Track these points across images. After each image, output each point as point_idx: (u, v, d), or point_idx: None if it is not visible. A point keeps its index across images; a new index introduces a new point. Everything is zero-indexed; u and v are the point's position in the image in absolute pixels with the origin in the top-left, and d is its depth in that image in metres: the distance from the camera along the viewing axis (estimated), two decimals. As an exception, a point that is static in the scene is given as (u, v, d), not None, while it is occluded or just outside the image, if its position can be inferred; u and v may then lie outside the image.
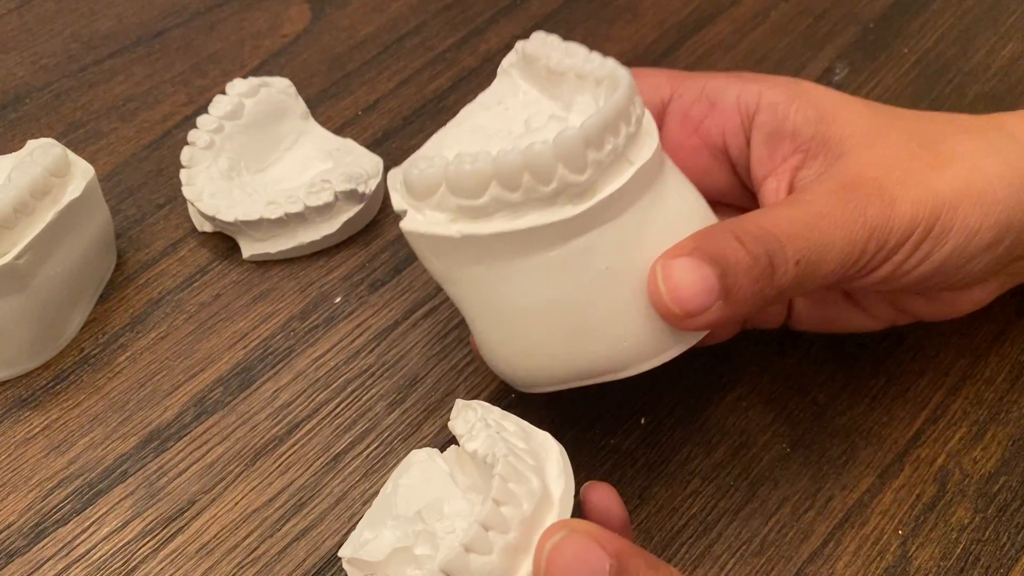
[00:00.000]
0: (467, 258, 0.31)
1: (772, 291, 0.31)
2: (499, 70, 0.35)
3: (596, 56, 0.32)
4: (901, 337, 0.43)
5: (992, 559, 0.37)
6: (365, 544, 0.31)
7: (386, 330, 0.43)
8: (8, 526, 0.37)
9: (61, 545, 0.37)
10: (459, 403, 0.33)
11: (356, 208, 0.45)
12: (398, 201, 0.32)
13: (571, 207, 0.30)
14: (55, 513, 0.38)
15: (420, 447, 0.38)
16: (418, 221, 0.31)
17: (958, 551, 0.37)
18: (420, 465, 0.33)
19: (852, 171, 0.34)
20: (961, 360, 0.42)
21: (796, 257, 0.31)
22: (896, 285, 0.34)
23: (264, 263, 0.45)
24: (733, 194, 0.39)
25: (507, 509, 0.27)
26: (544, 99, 0.34)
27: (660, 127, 0.38)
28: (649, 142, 0.32)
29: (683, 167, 0.36)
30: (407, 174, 0.30)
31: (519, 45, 0.35)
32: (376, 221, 0.47)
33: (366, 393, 0.41)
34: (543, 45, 0.33)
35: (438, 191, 0.30)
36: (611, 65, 0.32)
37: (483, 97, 0.35)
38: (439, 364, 0.42)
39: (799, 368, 0.42)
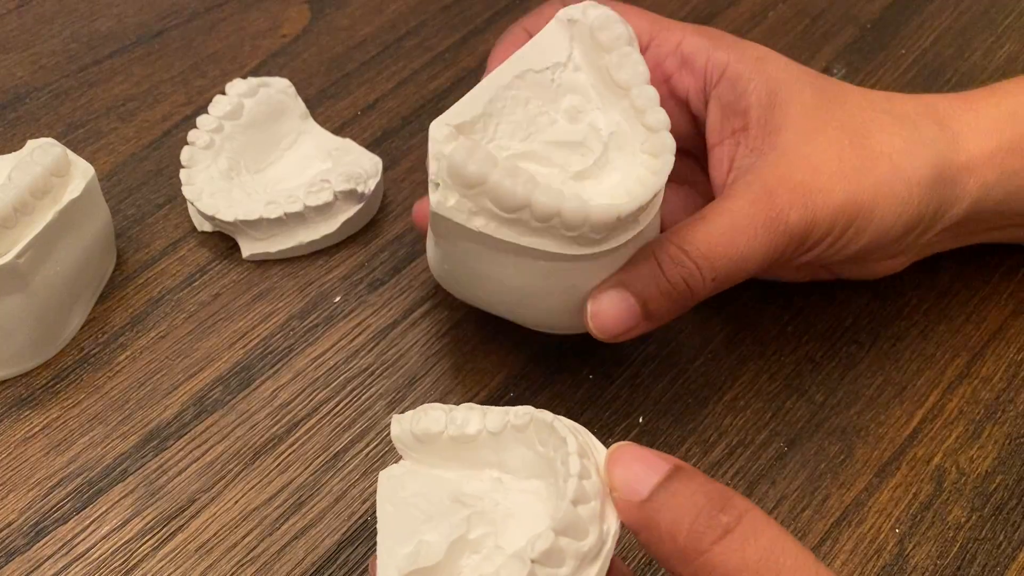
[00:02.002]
0: (472, 239, 0.33)
1: (691, 304, 0.36)
2: (557, 16, 0.36)
3: (655, 96, 0.34)
4: (899, 336, 0.43)
5: (989, 557, 0.37)
6: (410, 557, 0.29)
7: (385, 329, 0.43)
8: (8, 525, 0.38)
9: (61, 544, 0.37)
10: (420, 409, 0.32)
11: (355, 208, 0.45)
12: (435, 171, 0.33)
13: (578, 248, 0.33)
14: (55, 512, 0.38)
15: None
16: (447, 206, 0.32)
17: (955, 549, 0.37)
18: (403, 476, 0.32)
19: (780, 172, 0.36)
20: (958, 359, 0.42)
21: (712, 275, 0.35)
22: (811, 266, 0.39)
23: (263, 262, 0.45)
24: (694, 143, 0.41)
25: (587, 482, 0.28)
26: (589, 86, 0.36)
27: None
28: (655, 205, 0.34)
29: None
30: (455, 161, 0.31)
31: (589, 12, 0.35)
32: (375, 221, 0.47)
33: (365, 392, 0.41)
34: (615, 42, 0.35)
35: (476, 188, 0.32)
36: (664, 137, 0.33)
37: (535, 51, 0.36)
38: (438, 363, 0.42)
39: (796, 367, 0.42)
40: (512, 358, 0.42)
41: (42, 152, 0.40)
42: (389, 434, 0.40)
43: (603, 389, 0.41)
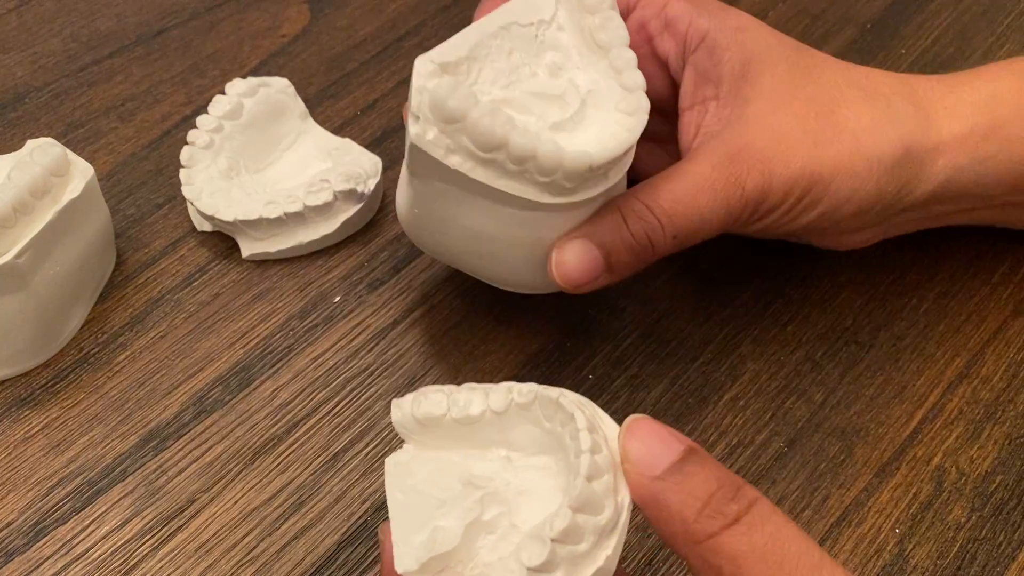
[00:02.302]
0: (447, 177, 0.34)
1: (652, 259, 0.37)
2: None
3: (633, 58, 0.35)
4: (899, 336, 0.43)
5: (989, 557, 0.37)
6: (426, 544, 0.29)
7: (385, 329, 0.43)
8: (8, 525, 0.38)
9: (60, 544, 0.37)
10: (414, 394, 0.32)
11: (355, 208, 0.45)
12: (417, 104, 0.33)
13: (549, 196, 0.34)
14: (55, 512, 0.38)
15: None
16: (425, 139, 0.33)
17: (955, 550, 0.37)
18: (410, 463, 0.32)
19: (744, 139, 0.37)
20: (958, 359, 0.42)
21: (674, 232, 0.36)
22: (770, 234, 0.40)
23: (263, 262, 0.45)
24: (671, 105, 0.42)
25: (599, 457, 0.28)
26: (571, 46, 0.37)
27: None
28: (627, 161, 0.36)
29: None
30: (438, 95, 0.32)
31: None
32: (375, 221, 0.47)
33: (365, 392, 0.41)
34: (599, 5, 0.36)
35: (455, 124, 0.33)
36: (640, 97, 0.35)
37: (522, 6, 0.37)
38: (438, 363, 0.42)
39: (796, 367, 0.42)
40: (512, 358, 0.42)
41: (42, 152, 0.40)
42: (388, 434, 0.40)
43: (603, 389, 0.41)
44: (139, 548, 0.37)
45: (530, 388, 0.30)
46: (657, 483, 0.27)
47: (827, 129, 0.38)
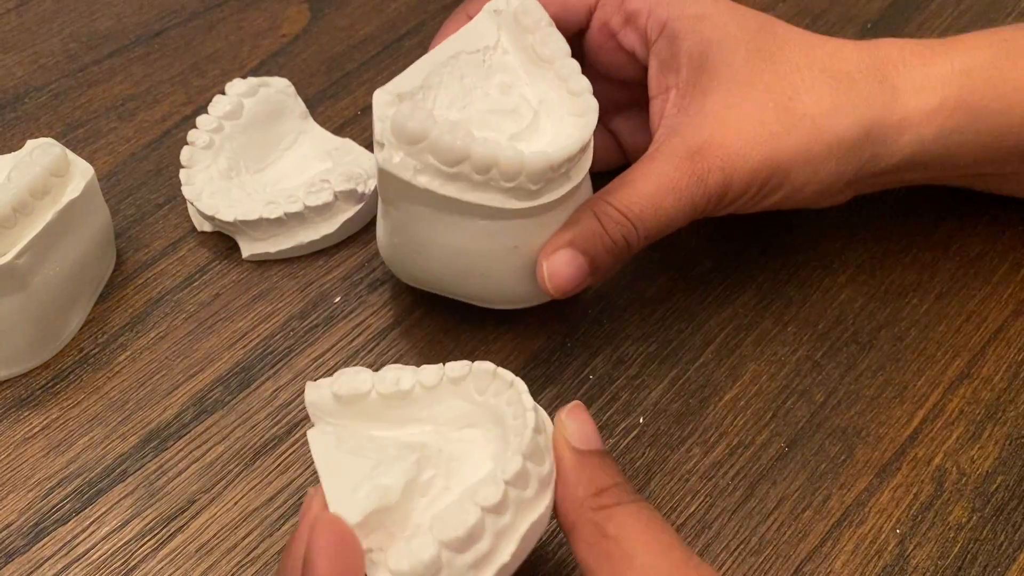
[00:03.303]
0: (417, 199, 0.36)
1: (627, 258, 0.39)
2: (484, 8, 0.40)
3: (576, 66, 0.38)
4: (900, 337, 0.43)
5: (990, 558, 0.37)
6: (369, 497, 0.29)
7: (385, 330, 0.43)
8: (8, 525, 0.38)
9: (61, 544, 0.37)
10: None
11: (355, 208, 0.45)
12: (380, 131, 0.36)
13: (516, 202, 0.35)
14: (55, 512, 0.38)
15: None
16: (392, 163, 0.35)
17: (956, 550, 0.37)
18: (338, 433, 0.32)
19: (702, 135, 0.38)
20: (958, 360, 0.42)
21: (646, 233, 0.38)
22: (735, 215, 0.41)
23: (263, 263, 0.45)
24: (643, 90, 0.42)
25: (542, 415, 0.32)
26: (517, 65, 0.39)
27: (584, 30, 0.43)
28: (586, 161, 0.37)
29: (604, 64, 0.43)
30: (398, 120, 0.34)
31: (512, 0, 0.39)
32: (375, 221, 0.47)
33: (365, 392, 0.41)
34: (537, 24, 0.39)
35: (419, 144, 0.34)
36: (588, 99, 0.37)
37: (467, 36, 0.39)
38: (437, 363, 0.42)
39: (797, 368, 0.42)
40: (513, 358, 0.42)
41: (41, 152, 0.40)
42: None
43: (604, 389, 0.41)
44: (139, 549, 0.37)
45: (463, 364, 0.32)
46: (580, 454, 0.31)
47: (785, 119, 0.39)
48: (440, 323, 0.43)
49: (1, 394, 0.41)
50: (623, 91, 0.44)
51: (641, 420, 0.40)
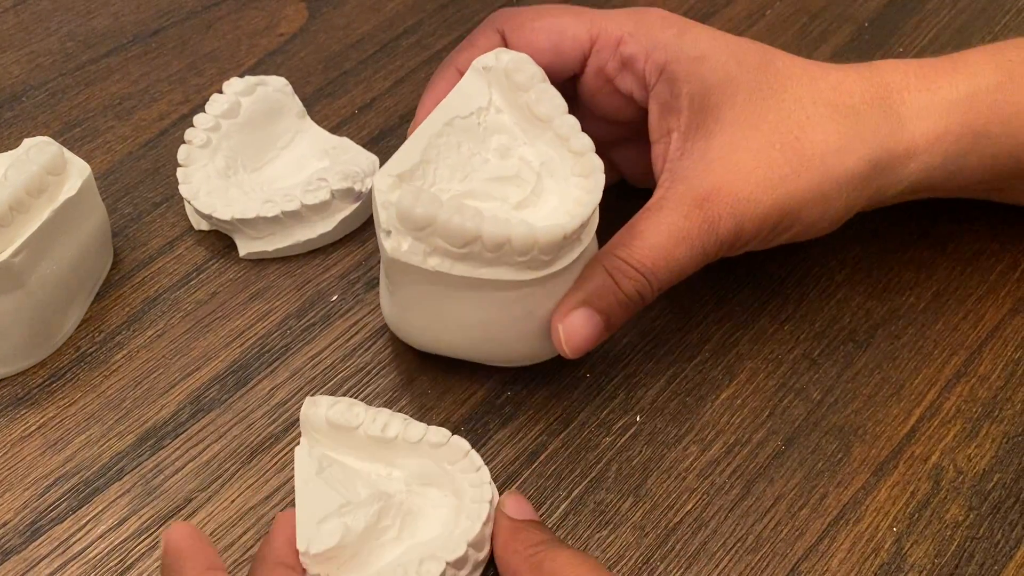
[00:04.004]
0: (427, 279, 0.35)
1: (639, 309, 0.38)
2: (472, 66, 0.39)
3: (576, 124, 0.37)
4: (897, 335, 0.43)
5: (986, 556, 0.37)
6: (332, 533, 0.33)
7: (382, 328, 0.43)
8: (4, 524, 0.37)
9: (57, 543, 0.37)
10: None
11: (352, 206, 0.45)
12: (386, 219, 0.35)
13: (530, 272, 0.35)
14: (51, 511, 0.38)
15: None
16: (402, 251, 0.34)
17: (952, 548, 0.37)
18: (320, 459, 0.36)
19: (710, 182, 0.38)
20: (955, 358, 0.42)
21: (659, 285, 0.38)
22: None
23: (260, 261, 0.45)
24: (640, 127, 0.42)
25: (492, 507, 0.36)
26: (513, 124, 0.38)
27: (580, 74, 0.41)
28: (595, 221, 0.37)
29: (601, 107, 0.42)
30: (403, 206, 0.34)
31: (502, 57, 0.38)
32: (371, 221, 0.47)
33: (362, 391, 0.41)
34: (531, 81, 0.38)
35: (427, 229, 0.34)
36: (592, 159, 0.36)
37: (458, 99, 0.38)
38: (435, 362, 0.42)
39: (794, 366, 0.42)
40: (509, 357, 0.42)
41: (38, 150, 0.40)
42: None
43: (600, 388, 0.41)
44: (136, 547, 0.37)
45: (445, 432, 0.36)
46: (517, 522, 0.35)
47: (793, 160, 0.38)
48: (437, 321, 0.43)
49: (-2, 393, 0.41)
50: (619, 128, 0.43)
51: (638, 418, 0.40)
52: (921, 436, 0.40)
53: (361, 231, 0.46)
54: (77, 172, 0.41)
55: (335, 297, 0.44)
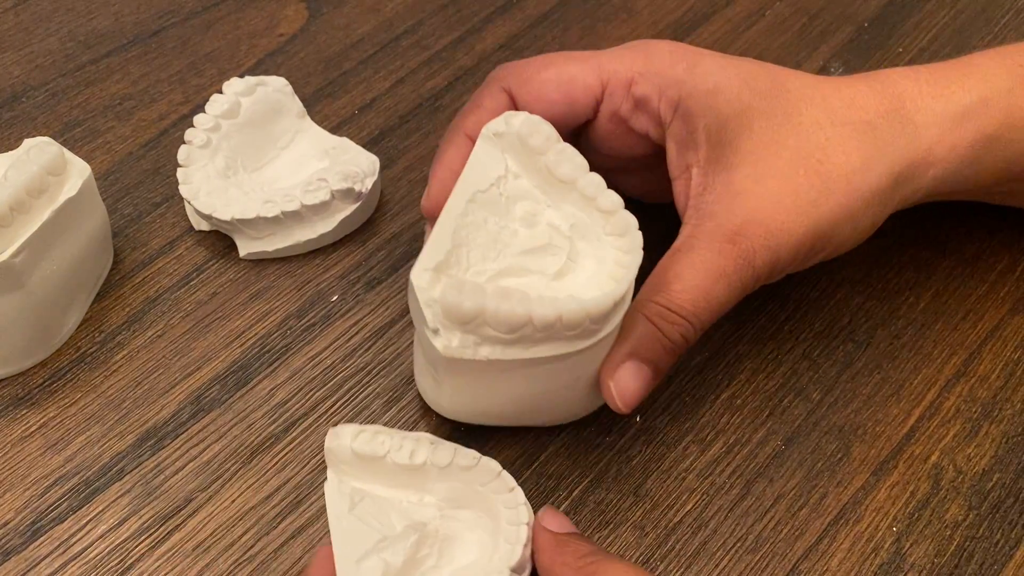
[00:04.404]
0: (479, 368, 0.34)
1: (685, 351, 0.37)
2: (482, 134, 0.37)
3: (601, 182, 0.36)
4: (896, 335, 0.43)
5: (986, 556, 0.37)
6: (373, 572, 0.33)
7: (382, 328, 0.43)
8: (4, 524, 0.38)
9: (57, 543, 0.37)
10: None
11: (352, 207, 0.45)
12: (432, 318, 0.34)
13: (580, 342, 0.34)
14: (52, 511, 0.38)
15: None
16: (453, 347, 0.33)
17: (952, 548, 0.37)
18: (351, 494, 0.36)
19: (740, 216, 0.37)
20: (955, 358, 0.42)
21: (701, 326, 0.37)
22: None
23: (261, 261, 0.45)
24: (653, 161, 0.41)
25: (530, 527, 0.35)
26: (533, 187, 0.37)
27: (594, 119, 0.41)
28: (631, 276, 0.36)
29: (615, 148, 0.41)
30: (449, 302, 0.33)
31: (513, 121, 0.37)
32: (372, 219, 0.47)
33: (362, 391, 0.41)
34: (548, 144, 0.36)
35: (475, 320, 0.33)
36: (625, 216, 0.35)
37: (475, 173, 0.37)
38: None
39: (794, 366, 0.42)
40: (509, 357, 0.42)
41: (38, 151, 0.40)
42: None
43: (600, 388, 0.41)
44: (136, 547, 0.37)
45: (474, 454, 0.35)
46: (559, 536, 0.35)
47: (819, 184, 0.38)
48: (437, 322, 0.43)
49: (-2, 393, 0.41)
50: (631, 162, 0.43)
51: (638, 418, 0.40)
52: (921, 436, 0.40)
53: (361, 231, 0.46)
54: (77, 172, 0.41)
55: (335, 297, 0.44)
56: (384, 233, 0.46)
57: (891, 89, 0.40)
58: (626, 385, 0.36)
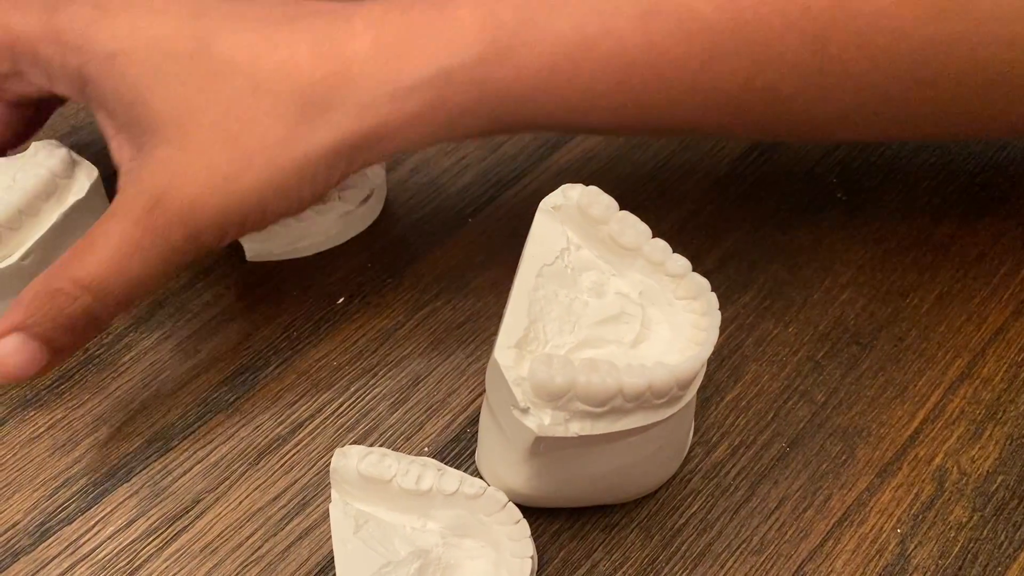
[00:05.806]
0: (568, 445, 0.34)
1: (98, 332, 0.36)
2: (540, 208, 0.37)
3: (666, 247, 0.36)
4: (900, 337, 0.43)
5: (990, 557, 0.37)
6: None
7: (389, 330, 0.43)
8: (13, 525, 0.38)
9: (66, 544, 0.37)
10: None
11: (359, 208, 0.45)
12: (522, 397, 0.33)
13: (666, 410, 0.34)
14: (60, 512, 0.38)
15: (418, 453, 0.39)
16: (545, 426, 0.33)
17: (956, 549, 0.37)
18: (356, 516, 0.35)
19: (158, 187, 0.35)
20: (959, 360, 0.42)
21: (114, 303, 0.35)
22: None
23: (266, 264, 0.46)
24: None
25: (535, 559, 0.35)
26: (597, 259, 0.37)
27: None
28: (714, 338, 0.35)
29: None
30: (539, 379, 0.32)
31: (570, 193, 0.37)
32: (379, 221, 0.47)
33: (369, 393, 0.41)
34: (609, 213, 0.36)
35: (566, 396, 0.33)
36: (696, 279, 0.35)
37: (539, 248, 0.37)
38: (441, 364, 0.42)
39: (798, 368, 0.42)
40: (515, 359, 0.42)
41: (46, 154, 0.40)
42: (392, 435, 0.40)
43: (606, 390, 0.42)
44: (144, 548, 0.37)
45: (481, 483, 0.35)
46: None
47: (236, 159, 0.36)
48: (444, 323, 0.43)
49: (6, 394, 0.41)
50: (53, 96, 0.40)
51: (643, 420, 0.41)
52: (925, 438, 0.40)
53: (367, 233, 0.47)
54: (85, 175, 0.42)
55: (341, 299, 0.44)
56: (390, 234, 0.47)
57: (338, 50, 0.36)
58: (7, 355, 0.34)
